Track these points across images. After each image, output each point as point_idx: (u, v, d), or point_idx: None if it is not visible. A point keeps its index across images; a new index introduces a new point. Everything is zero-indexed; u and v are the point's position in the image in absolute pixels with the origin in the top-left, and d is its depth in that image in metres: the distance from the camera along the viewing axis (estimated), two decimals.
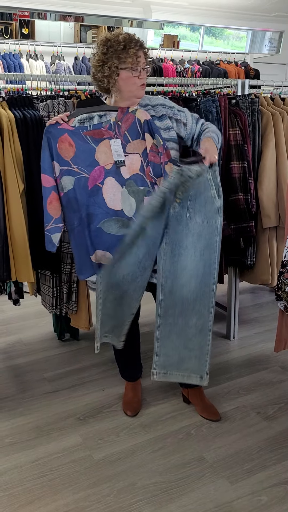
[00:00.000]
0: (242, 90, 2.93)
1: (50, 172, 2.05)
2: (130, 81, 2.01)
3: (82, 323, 2.84)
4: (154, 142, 2.06)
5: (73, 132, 2.04)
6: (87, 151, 2.04)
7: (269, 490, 1.96)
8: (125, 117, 2.05)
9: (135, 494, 1.95)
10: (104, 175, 2.04)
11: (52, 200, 2.07)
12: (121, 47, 1.96)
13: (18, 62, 5.11)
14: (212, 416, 2.40)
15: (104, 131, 2.05)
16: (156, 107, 2.15)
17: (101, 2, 5.90)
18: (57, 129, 2.03)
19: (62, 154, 2.04)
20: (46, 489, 1.99)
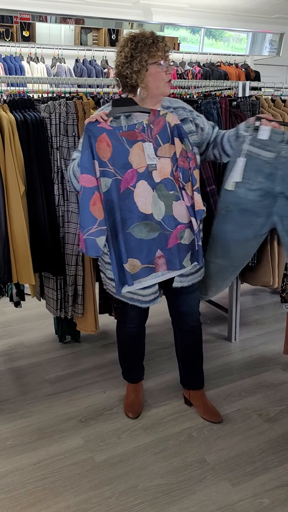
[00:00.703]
0: (243, 92, 2.94)
1: (92, 171, 1.96)
2: (159, 77, 2.00)
3: (89, 326, 2.80)
4: (183, 147, 2.04)
5: (111, 132, 1.97)
6: (122, 153, 1.98)
7: (271, 493, 1.96)
8: (157, 120, 2.03)
9: (136, 497, 1.95)
10: (137, 178, 2.00)
11: (96, 201, 1.97)
12: (150, 41, 1.97)
13: (19, 64, 5.12)
14: (214, 418, 2.40)
15: (137, 133, 2.00)
16: (178, 110, 2.15)
17: (101, 5, 5.92)
18: (97, 127, 1.96)
19: (100, 154, 1.96)
20: (48, 492, 1.98)
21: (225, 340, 3.24)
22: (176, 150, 2.04)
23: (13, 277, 2.46)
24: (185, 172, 2.05)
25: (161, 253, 2.08)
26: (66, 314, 2.79)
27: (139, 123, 2.02)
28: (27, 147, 2.42)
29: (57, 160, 2.53)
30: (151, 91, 2.03)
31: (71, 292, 2.72)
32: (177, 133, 2.04)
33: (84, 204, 1.96)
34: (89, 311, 2.79)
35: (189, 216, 2.09)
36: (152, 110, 2.04)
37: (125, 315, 2.35)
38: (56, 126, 2.50)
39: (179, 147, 2.04)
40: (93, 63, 5.67)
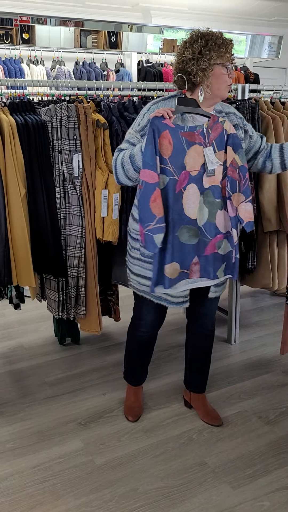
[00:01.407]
0: (242, 94, 2.94)
1: (155, 167, 1.92)
2: (222, 78, 1.98)
3: (93, 327, 2.80)
4: (235, 158, 2.01)
5: (173, 130, 1.94)
6: (180, 153, 1.96)
7: (271, 495, 1.95)
8: (215, 126, 2.00)
9: (136, 500, 1.95)
10: (188, 180, 1.98)
11: (156, 197, 1.94)
12: (220, 41, 1.96)
13: (19, 67, 5.13)
14: (214, 421, 2.40)
15: (196, 135, 1.97)
16: (229, 115, 2.14)
17: (101, 8, 5.92)
18: (162, 123, 1.93)
19: (162, 150, 1.94)
20: (48, 495, 1.98)
21: (225, 342, 3.23)
22: (228, 158, 2.01)
23: (13, 280, 2.46)
24: (233, 182, 2.02)
25: (197, 259, 2.06)
26: (68, 315, 2.79)
27: (199, 125, 1.99)
28: (27, 150, 2.43)
29: (58, 163, 2.53)
30: (212, 91, 2.00)
31: (73, 294, 2.72)
32: (231, 142, 2.01)
33: (145, 200, 1.95)
34: (93, 312, 2.78)
35: (230, 227, 2.06)
36: (212, 116, 2.01)
37: (141, 318, 2.34)
38: (57, 129, 2.50)
39: (231, 156, 2.01)
40: (93, 65, 5.68)
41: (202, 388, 2.48)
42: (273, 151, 2.20)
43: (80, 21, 5.46)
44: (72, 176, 2.54)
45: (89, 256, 2.68)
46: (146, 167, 1.92)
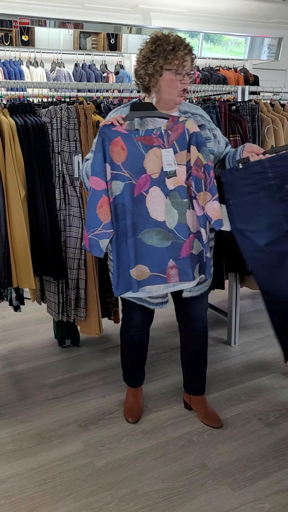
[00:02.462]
0: (242, 96, 2.95)
1: (102, 175, 1.97)
2: (172, 84, 1.97)
3: (92, 329, 2.80)
4: (199, 156, 2.00)
5: (126, 136, 1.96)
6: (137, 157, 1.97)
7: (271, 497, 1.95)
8: (175, 126, 1.99)
9: (137, 502, 1.94)
10: (150, 183, 1.98)
11: (103, 204, 1.98)
12: (170, 48, 1.92)
13: (19, 69, 5.13)
14: (214, 423, 2.39)
15: (154, 138, 1.98)
16: (195, 116, 2.13)
17: (100, 9, 5.93)
18: (112, 130, 1.96)
19: (114, 157, 1.96)
20: (48, 497, 1.98)
21: (224, 344, 3.23)
22: (191, 158, 2.00)
23: (13, 282, 2.46)
24: (198, 181, 2.00)
25: (173, 263, 2.05)
26: (68, 317, 2.79)
27: (156, 128, 2.00)
28: (27, 151, 2.43)
29: (58, 165, 2.53)
30: (163, 96, 2.01)
31: (73, 296, 2.72)
32: (195, 141, 1.99)
33: (92, 206, 1.99)
34: (93, 315, 2.78)
35: (199, 226, 2.06)
36: (171, 116, 2.01)
37: (130, 318, 2.34)
38: (57, 130, 2.51)
39: (195, 156, 1.99)
40: (92, 67, 5.69)
41: (200, 390, 2.48)
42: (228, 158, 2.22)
43: (79, 23, 5.47)
44: (72, 178, 2.54)
45: (89, 258, 2.68)
46: (94, 174, 1.97)
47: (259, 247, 2.12)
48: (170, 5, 6.08)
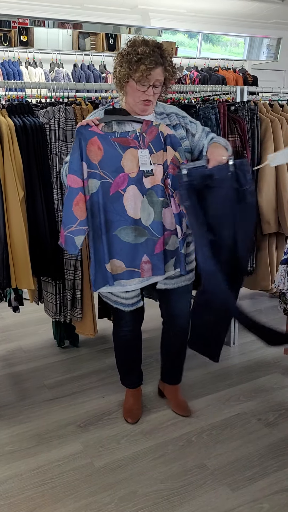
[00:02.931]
0: (241, 96, 2.95)
1: (79, 173, 2.02)
2: (135, 94, 2.02)
3: (88, 330, 2.81)
4: (176, 155, 2.06)
5: (103, 137, 2.03)
6: (114, 157, 2.03)
7: (270, 498, 1.95)
8: (150, 130, 2.06)
9: (136, 502, 1.94)
10: (128, 182, 2.04)
11: (79, 201, 2.03)
12: (135, 59, 1.95)
13: (17, 69, 5.13)
14: (185, 411, 2.47)
15: (130, 140, 2.05)
16: (171, 115, 2.16)
17: (99, 10, 5.93)
18: (88, 131, 2.02)
19: (91, 156, 2.02)
20: (47, 497, 1.98)
21: (224, 344, 3.22)
22: (168, 157, 2.06)
23: (12, 282, 2.46)
24: (174, 179, 2.06)
25: (147, 258, 2.13)
26: (65, 318, 2.80)
27: (132, 130, 2.07)
28: (26, 152, 2.43)
29: (56, 166, 2.53)
30: (128, 101, 2.07)
31: (70, 297, 2.72)
32: (170, 141, 2.07)
33: (68, 203, 2.05)
34: (88, 315, 2.79)
35: (174, 223, 2.13)
36: (145, 121, 2.07)
37: (120, 318, 2.36)
38: (55, 131, 2.51)
39: (171, 155, 2.06)
40: (91, 68, 5.69)
41: (176, 381, 2.53)
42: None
43: (78, 23, 5.47)
44: None
45: (85, 259, 2.68)
46: (71, 172, 2.02)
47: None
48: (169, 5, 6.08)
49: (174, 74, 2.07)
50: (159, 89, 2.05)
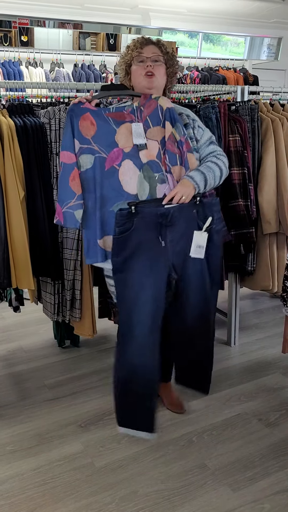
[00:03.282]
0: (242, 96, 2.94)
1: (72, 149, 2.02)
2: (137, 72, 2.09)
3: (86, 331, 2.81)
4: (173, 132, 2.05)
5: (96, 112, 2.03)
6: (108, 132, 2.03)
7: (271, 498, 1.95)
8: (148, 103, 2.07)
9: (137, 502, 1.94)
10: (122, 157, 2.03)
11: (75, 176, 2.03)
12: (125, 51, 2.15)
13: (18, 69, 5.13)
14: (179, 409, 2.48)
15: (126, 114, 2.05)
16: (182, 115, 2.18)
17: (99, 10, 5.93)
18: (80, 108, 2.03)
19: (83, 131, 2.02)
20: (48, 497, 1.98)
21: (224, 345, 3.23)
22: (166, 133, 2.05)
23: (12, 282, 2.46)
24: (172, 155, 2.05)
25: None
26: (64, 318, 2.80)
27: (128, 105, 2.08)
28: (26, 152, 2.43)
29: (56, 166, 2.53)
30: (137, 89, 2.12)
31: (69, 297, 2.72)
32: (169, 116, 2.06)
33: (64, 180, 2.04)
34: (87, 316, 2.79)
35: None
36: (143, 94, 2.08)
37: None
38: (55, 131, 2.50)
39: (169, 131, 2.05)
40: (92, 67, 5.69)
41: (167, 378, 2.54)
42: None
43: (79, 23, 5.47)
44: None
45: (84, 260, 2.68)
46: (64, 149, 2.03)
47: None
48: (169, 5, 6.08)
49: (173, 54, 2.16)
50: (161, 66, 2.11)
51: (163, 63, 2.12)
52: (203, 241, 2.05)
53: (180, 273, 2.09)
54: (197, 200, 2.03)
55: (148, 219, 1.97)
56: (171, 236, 2.01)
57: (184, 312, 2.19)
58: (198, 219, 2.05)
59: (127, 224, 1.97)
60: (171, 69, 2.16)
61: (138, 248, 1.99)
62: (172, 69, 2.17)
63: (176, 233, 2.02)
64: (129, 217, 1.96)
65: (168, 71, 2.15)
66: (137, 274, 2.01)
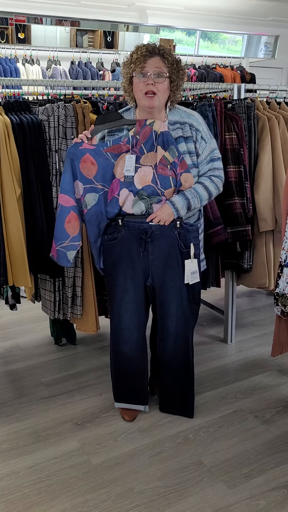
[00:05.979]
0: (238, 94, 2.94)
1: (71, 192, 2.15)
2: (138, 88, 2.04)
3: (89, 327, 2.80)
4: (165, 155, 2.08)
5: (94, 151, 2.11)
6: (108, 167, 2.12)
7: (267, 494, 1.96)
8: (143, 131, 2.10)
9: (133, 499, 1.95)
10: (120, 186, 2.10)
11: (71, 219, 2.17)
12: (128, 59, 2.08)
13: (14, 66, 5.12)
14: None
15: (123, 146, 2.11)
16: (185, 126, 2.15)
17: (97, 7, 5.92)
18: (79, 150, 2.11)
19: (85, 173, 2.12)
20: (44, 495, 1.98)
21: (221, 342, 3.24)
22: (157, 157, 2.09)
23: (9, 280, 2.45)
24: (164, 179, 2.09)
25: None
26: (65, 315, 2.79)
27: (124, 135, 2.11)
28: (23, 150, 2.42)
29: (55, 163, 2.53)
30: (138, 103, 2.12)
31: (70, 294, 2.72)
32: (161, 140, 2.09)
33: (60, 221, 2.19)
34: (90, 312, 2.78)
35: None
36: (138, 121, 2.10)
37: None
38: (54, 128, 2.50)
39: (160, 155, 2.09)
40: (89, 65, 5.68)
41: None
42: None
43: (76, 20, 5.45)
44: None
45: (86, 256, 2.68)
46: (62, 192, 2.17)
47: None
48: (166, 2, 6.07)
49: (179, 65, 2.08)
50: (164, 81, 2.03)
51: (167, 77, 2.04)
52: (195, 267, 2.22)
53: (159, 284, 2.24)
54: (177, 224, 2.14)
55: (132, 231, 2.17)
56: (152, 250, 2.18)
57: (166, 326, 2.32)
58: (179, 240, 2.17)
59: (115, 234, 2.19)
60: (175, 82, 2.08)
61: (122, 256, 2.21)
62: (176, 83, 2.09)
63: (157, 248, 2.18)
64: (116, 227, 2.18)
65: (171, 85, 2.08)
66: (122, 277, 2.25)
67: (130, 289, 2.24)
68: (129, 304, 2.26)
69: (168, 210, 2.10)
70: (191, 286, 2.24)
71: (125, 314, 2.28)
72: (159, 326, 2.32)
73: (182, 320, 2.27)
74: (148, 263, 2.20)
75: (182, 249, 2.17)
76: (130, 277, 2.22)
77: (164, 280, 2.22)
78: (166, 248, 2.17)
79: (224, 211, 2.73)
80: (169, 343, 2.32)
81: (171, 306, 2.25)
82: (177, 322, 2.27)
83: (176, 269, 2.20)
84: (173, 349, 2.32)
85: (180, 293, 2.23)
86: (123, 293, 2.25)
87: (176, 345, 2.31)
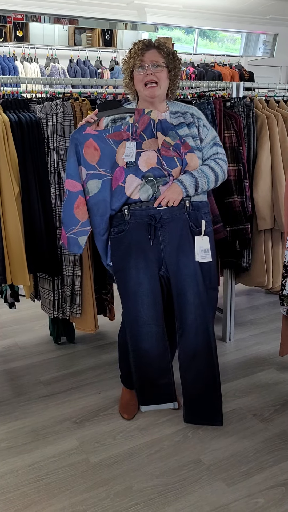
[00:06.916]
0: (237, 92, 2.94)
1: (77, 177, 2.12)
2: (138, 80, 2.10)
3: (88, 326, 2.80)
4: (166, 139, 2.10)
5: (97, 136, 2.11)
6: (110, 154, 2.11)
7: (266, 492, 1.96)
8: (141, 119, 2.12)
9: (132, 498, 1.95)
10: (125, 174, 2.09)
11: (79, 204, 2.14)
12: (127, 57, 2.13)
13: (13, 65, 5.10)
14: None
15: (123, 133, 2.11)
16: (186, 114, 2.20)
17: (95, 5, 5.91)
18: (83, 134, 2.11)
19: (88, 159, 2.11)
20: (43, 493, 1.98)
21: (220, 340, 3.24)
22: (159, 143, 2.11)
23: (7, 279, 2.45)
24: (169, 159, 2.10)
25: None
26: (64, 314, 2.79)
27: (124, 123, 2.13)
28: (22, 148, 2.42)
29: (54, 161, 2.52)
30: (140, 96, 2.16)
31: (69, 293, 2.71)
32: (160, 127, 2.12)
33: (69, 207, 2.15)
34: (89, 311, 2.78)
35: None
36: (137, 110, 2.13)
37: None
38: (53, 126, 2.50)
39: (161, 140, 2.11)
40: (87, 63, 5.67)
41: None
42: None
43: (74, 18, 5.45)
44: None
45: (84, 255, 2.68)
46: (69, 177, 2.14)
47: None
48: (165, 1, 6.07)
49: (175, 55, 2.14)
50: (163, 71, 2.10)
51: (165, 67, 2.11)
52: (206, 245, 2.12)
53: (173, 272, 2.15)
54: (186, 203, 2.09)
55: (140, 220, 2.10)
56: (162, 236, 2.11)
57: (184, 318, 2.21)
58: (190, 221, 2.11)
59: (121, 226, 2.13)
60: (173, 72, 2.15)
61: (132, 247, 2.13)
62: (174, 72, 2.15)
63: (168, 234, 2.10)
64: (123, 218, 2.12)
65: (170, 74, 2.14)
66: (134, 270, 2.15)
67: (144, 282, 2.15)
68: (144, 298, 2.17)
69: (177, 188, 2.07)
70: (207, 270, 2.16)
71: (141, 309, 2.18)
72: (177, 320, 2.22)
73: (200, 309, 2.17)
74: (160, 251, 2.12)
75: (194, 229, 2.10)
76: (143, 269, 2.13)
77: (178, 266, 2.13)
78: (177, 232, 2.09)
79: (223, 209, 2.73)
80: (189, 338, 2.21)
81: (188, 294, 2.16)
82: (195, 313, 2.18)
83: (189, 253, 2.11)
84: (194, 344, 2.21)
85: (196, 278, 2.14)
86: (137, 287, 2.16)
87: (197, 339, 2.20)
